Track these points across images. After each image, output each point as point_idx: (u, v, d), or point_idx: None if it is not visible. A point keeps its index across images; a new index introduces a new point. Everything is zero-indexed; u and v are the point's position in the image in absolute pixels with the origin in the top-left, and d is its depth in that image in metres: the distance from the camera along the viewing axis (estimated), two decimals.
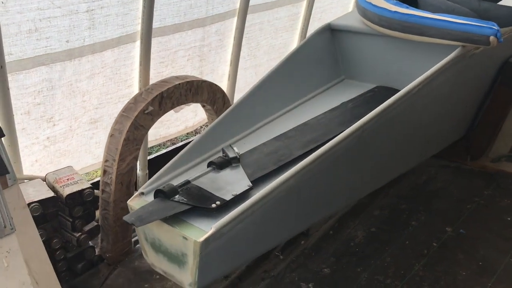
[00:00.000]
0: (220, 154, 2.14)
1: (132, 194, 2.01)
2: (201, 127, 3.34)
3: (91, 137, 2.53)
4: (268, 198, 1.79)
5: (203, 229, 1.73)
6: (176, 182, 1.95)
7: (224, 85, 3.15)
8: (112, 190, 2.30)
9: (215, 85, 2.64)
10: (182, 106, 2.63)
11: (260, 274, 2.38)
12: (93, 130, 2.52)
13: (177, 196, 1.83)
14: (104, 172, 2.32)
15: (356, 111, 2.57)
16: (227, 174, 2.00)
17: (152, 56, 2.54)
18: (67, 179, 2.22)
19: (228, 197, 1.84)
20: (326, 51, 3.01)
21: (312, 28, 3.59)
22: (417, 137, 2.63)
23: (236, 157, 2.06)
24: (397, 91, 2.47)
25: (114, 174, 2.27)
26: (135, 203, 1.92)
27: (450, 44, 2.41)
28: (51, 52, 2.10)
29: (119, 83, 2.49)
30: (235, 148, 2.14)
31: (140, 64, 2.49)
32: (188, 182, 1.92)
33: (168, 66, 2.69)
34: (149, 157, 2.89)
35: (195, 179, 1.94)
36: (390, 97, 2.24)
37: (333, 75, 3.04)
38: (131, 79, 2.54)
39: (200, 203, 1.80)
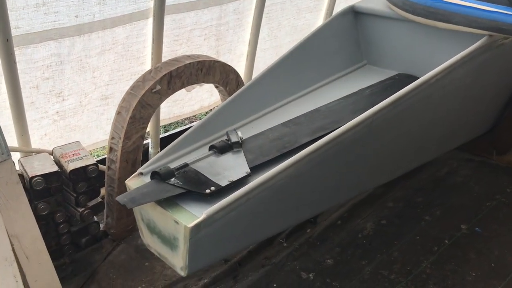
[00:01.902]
0: (225, 137, 2.10)
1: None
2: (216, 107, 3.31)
3: (102, 113, 2.53)
4: (265, 187, 1.74)
5: (195, 214, 1.70)
6: (175, 165, 1.93)
7: (241, 66, 3.10)
8: (117, 168, 2.30)
9: (229, 66, 2.58)
10: (194, 85, 2.59)
11: (261, 260, 2.36)
12: (104, 107, 2.52)
13: (172, 179, 1.81)
14: (110, 149, 2.32)
15: (372, 99, 2.47)
16: (227, 159, 1.96)
17: (165, 33, 2.50)
18: (73, 155, 2.23)
19: (224, 183, 1.81)
20: (348, 34, 2.90)
21: (338, 9, 3.46)
22: (436, 129, 2.51)
23: (238, 141, 2.02)
24: (418, 78, 2.36)
25: (119, 152, 2.27)
26: (132, 183, 1.92)
27: (477, 32, 2.27)
28: (60, 27, 2.09)
29: (131, 60, 2.47)
30: (238, 133, 2.10)
31: (153, 42, 2.46)
32: (186, 165, 1.89)
33: (183, 44, 2.65)
34: (161, 136, 2.88)
35: (193, 162, 1.91)
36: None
37: (354, 60, 2.94)
38: (143, 56, 2.51)
39: (195, 188, 1.77)
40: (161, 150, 2.86)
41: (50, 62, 2.16)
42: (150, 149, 2.84)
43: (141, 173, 1.95)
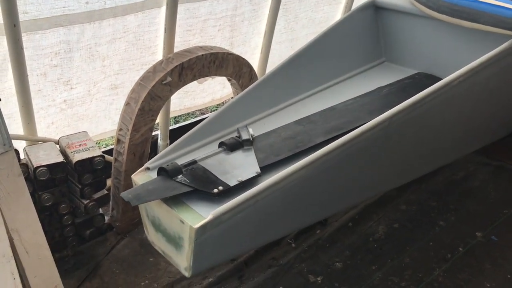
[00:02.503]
0: (235, 134, 2.03)
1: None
2: (229, 100, 3.23)
3: (111, 103, 2.47)
4: (275, 188, 1.67)
5: (201, 215, 1.64)
6: (183, 161, 1.87)
7: (256, 58, 3.01)
8: (124, 160, 2.24)
9: (242, 58, 2.50)
10: (206, 78, 2.52)
11: (268, 260, 2.29)
12: (113, 96, 2.45)
13: (180, 176, 1.75)
14: (118, 141, 2.26)
15: (389, 99, 2.38)
16: (237, 157, 1.89)
17: (178, 23, 2.43)
18: (79, 145, 2.17)
19: (232, 182, 1.74)
20: (368, 30, 2.80)
21: (358, 3, 3.35)
22: (455, 132, 2.41)
23: (249, 139, 1.94)
24: (439, 80, 2.26)
25: (127, 144, 2.21)
26: (139, 178, 1.86)
27: (504, 33, 2.16)
28: (69, 13, 2.02)
29: (142, 50, 2.40)
30: (250, 129, 2.02)
31: (165, 31, 2.38)
32: (194, 162, 1.82)
33: (196, 35, 2.57)
34: (171, 127, 2.82)
35: (202, 159, 1.84)
36: (430, 85, 2.05)
37: (373, 57, 2.84)
38: (155, 46, 2.44)
39: (202, 187, 1.71)
40: (170, 142, 2.84)
41: (59, 49, 2.10)
42: (159, 141, 2.78)
43: (148, 168, 1.88)
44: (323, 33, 2.55)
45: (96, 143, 2.95)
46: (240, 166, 1.83)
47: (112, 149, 2.43)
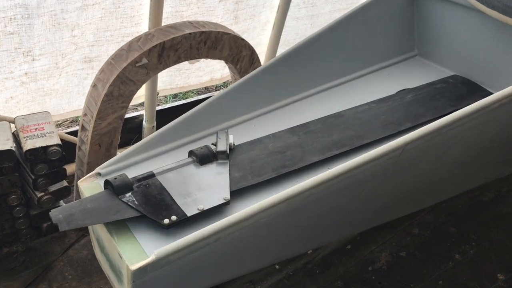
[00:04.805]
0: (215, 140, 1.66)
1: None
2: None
3: (85, 77, 2.12)
4: (243, 225, 1.32)
5: (145, 250, 1.32)
6: (145, 169, 1.53)
7: (266, 35, 2.59)
8: (87, 150, 1.92)
9: (241, 39, 2.09)
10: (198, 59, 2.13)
11: (244, 284, 1.96)
12: (88, 70, 2.11)
13: (128, 195, 1.41)
14: (82, 127, 1.92)
15: (413, 109, 1.95)
16: (207, 172, 1.53)
17: None
18: (36, 129, 1.85)
19: (191, 210, 1.39)
20: (401, 16, 2.34)
21: None
22: (489, 156, 1.98)
23: (225, 151, 1.57)
24: (479, 87, 1.83)
25: (90, 133, 1.87)
26: (85, 186, 1.53)
27: None
28: None
29: (122, 19, 2.02)
30: (230, 137, 1.65)
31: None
32: (151, 175, 1.48)
33: (192, 5, 2.16)
34: (158, 108, 2.47)
35: (162, 172, 1.50)
36: (466, 94, 1.63)
37: (403, 48, 2.39)
38: (139, 15, 2.05)
39: (152, 213, 1.36)
40: (157, 125, 2.50)
41: (14, 14, 1.74)
42: (144, 122, 2.44)
43: (99, 174, 1.55)
44: (345, 16, 2.12)
45: (72, 120, 2.65)
46: (207, 187, 1.47)
47: None
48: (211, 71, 2.53)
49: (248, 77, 1.86)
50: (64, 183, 1.97)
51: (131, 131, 2.45)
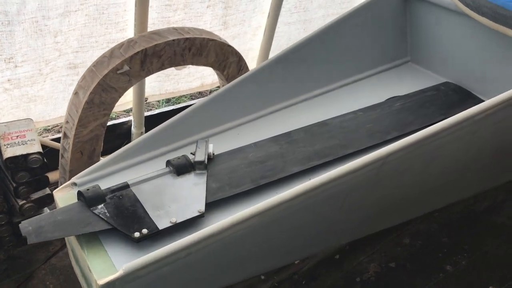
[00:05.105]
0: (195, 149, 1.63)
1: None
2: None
3: (71, 83, 2.11)
4: (217, 238, 1.28)
5: (115, 264, 1.29)
6: (118, 180, 1.50)
7: (258, 39, 2.56)
8: (68, 158, 1.89)
9: (228, 46, 2.06)
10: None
11: None
12: (73, 77, 2.09)
13: (100, 206, 1.38)
14: (64, 134, 1.90)
15: (401, 117, 1.91)
16: (183, 184, 1.50)
17: None
18: (17, 136, 1.83)
19: (164, 223, 1.35)
20: (394, 21, 2.30)
21: None
22: (478, 165, 1.93)
23: (203, 161, 1.54)
24: (471, 95, 1.80)
25: (72, 140, 1.85)
26: (61, 196, 1.50)
27: None
28: None
29: (107, 25, 2.00)
30: (210, 146, 1.62)
31: (136, 5, 1.96)
32: (125, 186, 1.45)
33: (179, 10, 2.13)
34: (148, 113, 2.44)
35: (137, 183, 1.47)
36: (457, 102, 1.59)
37: (395, 54, 2.34)
38: (124, 21, 2.03)
39: (123, 226, 1.33)
40: (146, 131, 2.47)
41: None
42: (132, 128, 2.41)
43: (75, 184, 1.53)
44: (334, 22, 2.08)
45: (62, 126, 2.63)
46: (182, 199, 1.44)
47: None
48: (201, 76, 2.50)
49: (232, 84, 1.83)
50: (47, 190, 1.94)
51: (120, 137, 2.43)
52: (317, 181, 1.36)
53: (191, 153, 1.59)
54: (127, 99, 2.31)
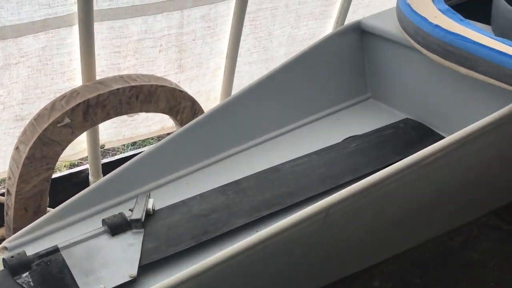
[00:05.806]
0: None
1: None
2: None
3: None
4: None
5: None
6: (51, 243, 1.42)
7: (218, 81, 2.51)
8: (12, 215, 1.82)
9: (180, 91, 2.01)
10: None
11: None
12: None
13: (25, 275, 1.29)
14: (7, 191, 1.83)
15: (356, 159, 1.84)
16: (117, 244, 1.41)
17: (102, 44, 1.97)
18: None
19: None
20: (352, 57, 2.25)
21: (355, 16, 2.78)
22: (442, 206, 1.86)
23: (139, 219, 1.46)
24: (431, 131, 1.75)
25: (13, 197, 1.78)
26: None
27: (508, 89, 1.58)
28: None
29: (52, 76, 1.95)
30: (150, 201, 1.54)
31: (81, 55, 1.92)
32: (55, 251, 1.36)
33: (129, 57, 2.09)
34: (105, 161, 2.38)
35: (67, 246, 1.38)
36: (416, 140, 1.60)
37: (355, 91, 2.28)
38: (70, 71, 1.98)
39: None
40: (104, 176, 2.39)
41: None
42: (90, 177, 2.34)
43: (6, 248, 1.45)
44: (289, 61, 2.04)
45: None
46: (114, 262, 1.35)
47: None
48: (161, 120, 2.44)
49: (181, 131, 1.77)
50: None
51: (77, 186, 2.34)
52: (260, 235, 1.28)
53: (130, 210, 1.51)
54: (82, 147, 2.24)
